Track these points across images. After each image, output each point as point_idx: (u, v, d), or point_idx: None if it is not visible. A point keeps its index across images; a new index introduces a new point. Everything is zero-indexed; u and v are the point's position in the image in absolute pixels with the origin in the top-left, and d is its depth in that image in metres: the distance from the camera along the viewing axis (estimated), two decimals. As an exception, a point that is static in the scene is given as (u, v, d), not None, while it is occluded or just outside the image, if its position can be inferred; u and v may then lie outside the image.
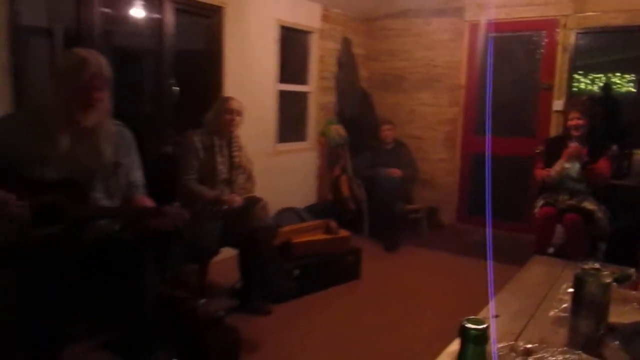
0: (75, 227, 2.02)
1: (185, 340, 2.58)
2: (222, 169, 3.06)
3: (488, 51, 4.79)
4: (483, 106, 5.08)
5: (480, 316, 1.20)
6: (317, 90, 5.09)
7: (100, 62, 2.06)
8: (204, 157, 3.01)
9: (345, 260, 3.70)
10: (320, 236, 3.68)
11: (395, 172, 4.69)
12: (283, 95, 4.66)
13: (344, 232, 3.80)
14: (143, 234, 2.46)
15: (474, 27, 5.06)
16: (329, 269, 3.57)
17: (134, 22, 3.62)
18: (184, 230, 2.61)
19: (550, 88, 4.71)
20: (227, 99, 3.17)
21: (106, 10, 3.26)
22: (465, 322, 0.83)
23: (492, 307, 1.54)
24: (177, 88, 3.69)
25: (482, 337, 0.83)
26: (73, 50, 2.13)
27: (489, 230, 3.55)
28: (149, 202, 2.28)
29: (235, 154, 3.15)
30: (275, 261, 3.00)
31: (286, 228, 3.66)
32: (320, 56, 5.04)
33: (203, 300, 2.67)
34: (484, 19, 4.93)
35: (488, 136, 4.69)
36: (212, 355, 2.47)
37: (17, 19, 2.74)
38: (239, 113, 3.13)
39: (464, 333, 0.83)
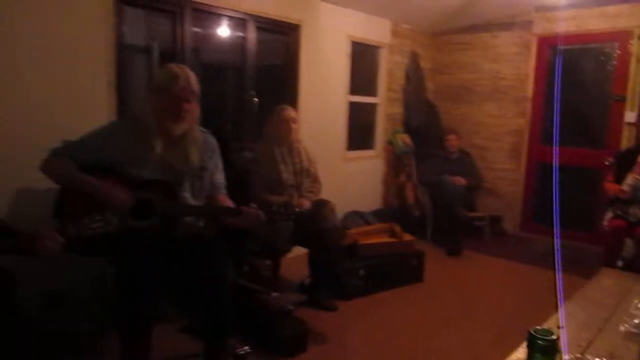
0: (166, 222, 2.12)
1: (257, 330, 2.62)
2: (287, 175, 3.08)
3: (557, 63, 4.52)
4: (550, 117, 4.79)
5: (545, 326, 1.11)
6: (385, 101, 5.03)
7: (189, 77, 2.14)
8: (269, 167, 3.05)
9: (409, 263, 3.61)
10: (385, 239, 3.62)
11: (460, 180, 4.53)
12: (353, 106, 4.65)
13: (408, 236, 3.71)
14: (223, 230, 2.54)
15: (542, 40, 4.80)
16: (393, 271, 3.50)
17: (220, 40, 3.76)
18: (259, 229, 2.68)
19: (622, 99, 4.35)
20: (281, 109, 3.16)
21: (197, 29, 3.41)
22: (533, 331, 0.77)
23: (561, 318, 1.42)
24: (257, 99, 3.77)
25: (551, 348, 0.77)
26: (166, 66, 2.23)
27: (557, 240, 3.35)
28: (229, 203, 2.35)
29: (297, 159, 3.16)
30: (342, 261, 2.99)
31: (353, 230, 3.64)
32: (388, 69, 4.98)
33: (275, 294, 2.71)
34: (553, 32, 4.66)
35: (555, 147, 4.42)
36: (282, 345, 2.50)
37: (122, 38, 2.92)
38: (294, 121, 3.13)
39: (532, 342, 0.77)
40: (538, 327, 0.78)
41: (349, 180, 4.58)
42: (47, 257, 1.71)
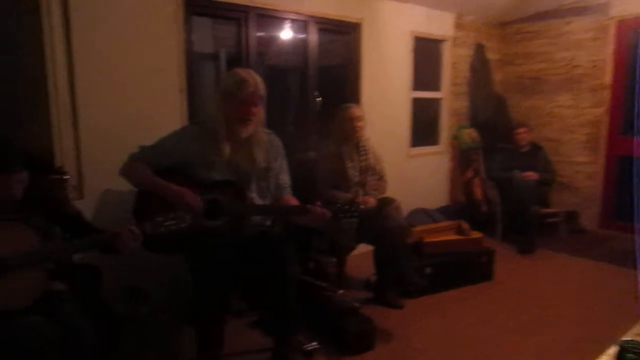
0: (234, 222, 2.19)
1: (324, 327, 2.64)
2: (353, 173, 3.06)
3: (638, 48, 4.15)
4: (631, 106, 4.41)
5: (630, 334, 1.01)
6: (450, 96, 4.87)
7: (256, 81, 2.19)
8: (336, 164, 3.05)
9: (478, 261, 3.48)
10: (452, 236, 3.52)
11: (531, 175, 4.29)
12: (416, 101, 4.55)
13: (476, 234, 3.58)
14: (289, 229, 2.57)
15: (622, 23, 4.43)
16: (461, 269, 3.39)
17: (283, 43, 3.81)
18: (324, 227, 2.69)
19: None
20: (348, 107, 3.14)
21: (260, 34, 3.49)
22: (624, 344, 0.71)
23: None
24: (320, 99, 3.79)
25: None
26: (234, 71, 2.30)
27: (639, 238, 3.08)
28: (294, 202, 2.38)
29: (363, 157, 3.13)
30: (408, 259, 2.93)
31: (418, 228, 3.57)
32: (452, 63, 4.82)
33: (341, 291, 2.72)
34: (633, 14, 4.29)
35: (637, 138, 4.08)
36: (349, 342, 2.49)
37: (191, 47, 3.04)
38: (360, 119, 3.10)
39: (623, 356, 0.70)
40: (629, 339, 0.71)
41: (413, 177, 4.49)
42: (128, 254, 1.83)
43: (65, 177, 2.37)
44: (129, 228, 1.81)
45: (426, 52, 4.66)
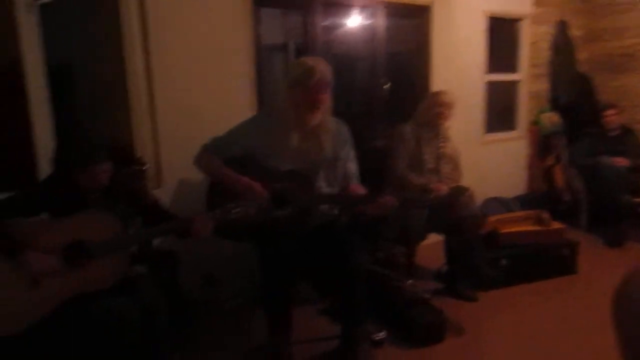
0: (302, 211, 2.19)
1: (393, 317, 2.59)
2: (428, 158, 2.96)
3: None
4: None
5: None
6: (528, 77, 4.56)
7: (324, 69, 2.17)
8: (413, 147, 2.96)
9: (559, 253, 3.24)
10: (530, 227, 3.30)
11: (621, 161, 3.92)
12: (491, 85, 4.30)
13: (557, 224, 3.34)
14: (357, 218, 2.55)
15: None
16: (540, 262, 3.18)
17: (349, 30, 3.76)
18: (393, 215, 2.63)
19: None
20: (439, 93, 3.03)
21: (327, 23, 3.46)
22: None
23: None
24: (387, 86, 3.70)
25: None
26: (301, 60, 2.30)
27: None
28: (362, 191, 2.34)
29: (442, 145, 3.02)
30: (482, 250, 2.80)
31: (493, 217, 3.39)
32: (531, 42, 4.50)
33: (410, 281, 2.66)
34: None
35: None
36: (418, 333, 2.43)
37: (259, 38, 3.08)
38: (449, 107, 2.98)
39: None
40: None
41: (488, 164, 4.27)
42: (202, 240, 1.90)
43: (145, 167, 2.51)
44: (202, 215, 1.87)
45: (502, 32, 4.39)
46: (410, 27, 3.89)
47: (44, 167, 2.46)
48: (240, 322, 2.72)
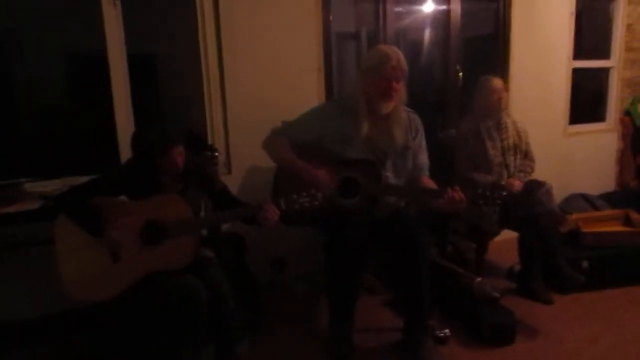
0: (370, 201, 2.17)
1: (459, 314, 2.51)
2: (494, 152, 2.81)
3: None
4: None
5: None
6: (622, 64, 4.17)
7: (399, 56, 2.15)
8: (474, 144, 2.82)
9: (650, 258, 2.96)
10: (618, 227, 3.04)
11: None
12: (578, 72, 3.99)
13: (649, 226, 3.05)
14: (424, 211, 2.48)
15: None
16: (627, 266, 2.92)
17: (423, 16, 3.64)
18: (463, 211, 2.53)
19: None
20: (489, 79, 2.87)
21: (399, 9, 3.37)
22: None
23: None
24: (461, 74, 3.56)
25: None
26: (377, 47, 2.28)
27: None
28: (431, 184, 2.28)
29: (505, 135, 2.85)
30: (561, 249, 2.62)
31: (575, 215, 3.16)
32: (628, 24, 4.10)
33: (479, 279, 2.55)
34: None
35: None
36: (486, 333, 2.33)
37: (329, 26, 3.07)
38: (502, 91, 2.82)
39: None
40: None
41: (571, 158, 3.99)
42: (267, 227, 1.94)
43: (216, 153, 2.61)
44: (269, 203, 1.91)
45: (593, 14, 4.05)
46: (488, 10, 3.69)
47: (125, 151, 2.64)
48: (306, 307, 2.77)
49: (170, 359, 1.90)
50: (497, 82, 2.84)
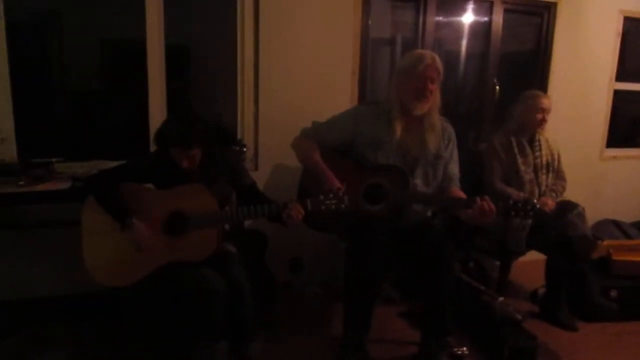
0: (396, 208, 2.14)
1: (479, 333, 2.45)
2: (525, 169, 2.73)
3: None
4: None
5: None
6: (666, 88, 4.04)
7: (434, 57, 2.15)
8: (505, 158, 2.75)
9: (683, 293, 2.84)
10: (650, 258, 2.93)
11: None
12: (619, 94, 3.87)
13: (685, 259, 2.92)
14: (452, 222, 2.43)
15: None
16: (659, 299, 2.81)
17: (462, 27, 3.59)
18: (491, 225, 2.47)
19: None
20: (538, 95, 2.77)
21: (440, 18, 3.33)
22: None
23: None
24: (498, 87, 3.49)
25: None
26: (412, 51, 2.29)
27: None
28: (461, 195, 2.23)
29: (538, 153, 2.77)
30: (592, 276, 2.53)
31: (606, 242, 3.05)
32: (675, 49, 3.97)
33: (501, 298, 2.48)
34: None
35: None
36: (506, 355, 2.26)
37: (367, 31, 3.05)
38: (548, 111, 2.73)
39: None
40: None
41: (605, 182, 3.86)
42: (291, 227, 1.93)
43: (244, 149, 2.61)
44: (295, 202, 1.90)
45: (638, 36, 3.93)
46: (531, 25, 3.62)
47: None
48: (321, 310, 2.74)
49: (183, 350, 1.90)
50: (546, 102, 2.73)
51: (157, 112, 2.70)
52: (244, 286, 1.90)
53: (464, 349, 2.31)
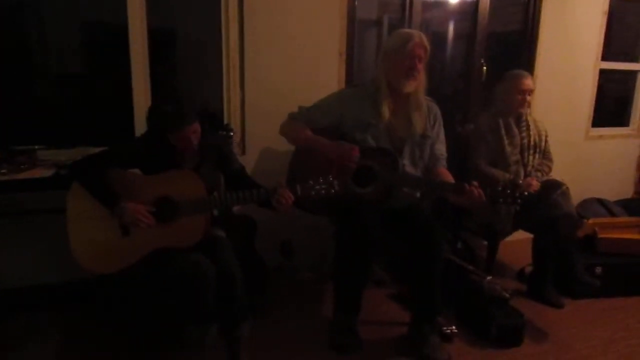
0: (385, 190, 2.15)
1: (467, 312, 2.49)
2: (511, 150, 2.75)
3: None
4: None
5: None
6: (651, 68, 4.08)
7: (422, 37, 2.16)
8: (492, 139, 2.77)
9: (666, 269, 2.92)
10: (634, 235, 2.98)
11: None
12: (604, 74, 3.90)
13: (668, 236, 2.99)
14: (440, 204, 2.45)
15: None
16: (642, 275, 2.88)
17: (450, 7, 3.57)
18: (479, 210, 2.50)
19: None
20: (519, 76, 2.77)
21: (427, -1, 3.32)
22: None
23: None
24: (485, 68, 3.49)
25: None
26: (398, 30, 2.28)
27: None
28: (449, 176, 2.25)
29: (524, 134, 2.79)
30: (577, 253, 2.58)
31: (591, 220, 3.11)
32: (660, 28, 4.00)
33: (489, 277, 2.52)
34: None
35: None
36: (494, 333, 2.31)
37: (354, 13, 3.02)
38: (531, 92, 2.75)
39: None
40: None
41: (591, 161, 3.92)
42: (280, 212, 1.92)
43: (231, 133, 2.58)
44: (285, 189, 1.89)
45: (625, 15, 3.95)
46: (517, 5, 3.61)
47: (140, 124, 2.63)
48: (311, 294, 2.76)
49: (174, 334, 1.91)
50: (528, 82, 2.74)
51: (142, 96, 2.65)
52: (235, 271, 1.89)
53: (453, 327, 2.35)
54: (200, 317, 1.84)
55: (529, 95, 2.75)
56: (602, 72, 3.88)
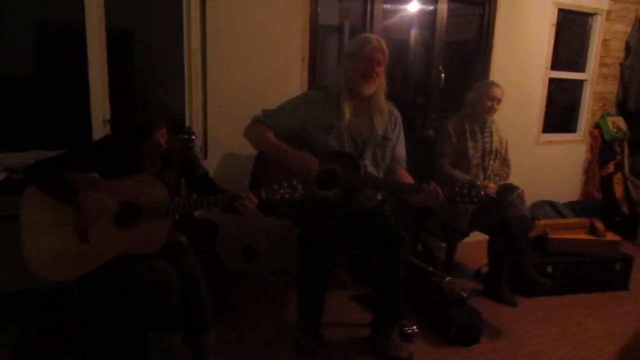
0: (348, 193, 2.18)
1: (427, 312, 2.56)
2: (473, 153, 2.86)
3: None
4: None
5: None
6: (596, 78, 4.32)
7: (380, 41, 2.21)
8: (456, 142, 2.87)
9: (611, 267, 3.09)
10: (582, 235, 3.15)
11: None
12: (554, 82, 4.11)
13: (612, 235, 3.17)
14: (401, 206, 2.50)
15: None
16: (590, 273, 3.04)
17: (410, 16, 3.67)
18: (438, 208, 2.57)
19: None
20: (491, 84, 2.90)
21: (387, 6, 3.38)
22: None
23: None
24: (443, 75, 3.60)
25: None
26: (358, 35, 2.33)
27: None
28: (408, 178, 2.30)
29: (487, 139, 2.91)
30: (530, 253, 2.70)
31: (542, 222, 3.26)
32: (604, 40, 4.25)
33: (448, 278, 2.60)
34: None
35: None
36: (453, 332, 2.39)
37: (316, 19, 3.06)
38: (499, 101, 2.87)
39: None
40: None
41: (542, 166, 4.11)
42: (244, 217, 1.91)
43: (193, 137, 2.55)
44: (249, 193, 1.88)
45: (572, 27, 4.17)
46: (474, 15, 3.76)
47: (97, 127, 2.55)
48: (275, 297, 2.76)
49: (137, 344, 1.86)
50: (498, 91, 2.85)
51: (99, 99, 2.58)
52: (198, 276, 1.87)
53: (414, 327, 2.41)
54: (164, 325, 1.79)
55: (497, 103, 2.87)
56: (552, 81, 4.09)
